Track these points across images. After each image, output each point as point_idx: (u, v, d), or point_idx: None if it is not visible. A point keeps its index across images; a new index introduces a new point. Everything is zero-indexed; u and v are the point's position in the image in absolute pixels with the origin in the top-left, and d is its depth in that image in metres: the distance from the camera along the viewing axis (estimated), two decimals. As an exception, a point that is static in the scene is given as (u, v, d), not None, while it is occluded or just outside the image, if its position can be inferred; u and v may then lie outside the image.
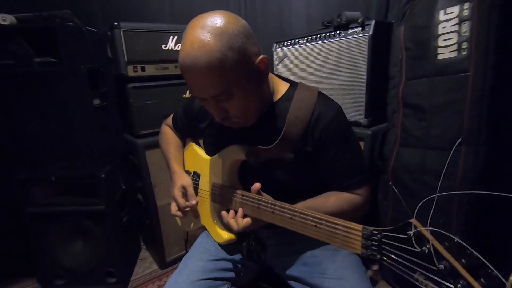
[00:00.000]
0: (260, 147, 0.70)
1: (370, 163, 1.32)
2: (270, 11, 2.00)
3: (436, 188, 1.15)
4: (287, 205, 0.59)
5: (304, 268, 0.75)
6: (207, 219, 0.86)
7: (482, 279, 0.31)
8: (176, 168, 0.94)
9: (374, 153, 1.33)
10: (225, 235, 0.79)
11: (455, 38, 1.07)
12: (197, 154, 0.94)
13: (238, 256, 0.82)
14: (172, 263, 1.63)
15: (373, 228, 0.43)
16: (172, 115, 1.05)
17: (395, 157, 1.26)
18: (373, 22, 1.25)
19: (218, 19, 0.59)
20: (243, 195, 0.69)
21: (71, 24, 1.18)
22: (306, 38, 1.51)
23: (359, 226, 0.45)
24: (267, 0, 2.03)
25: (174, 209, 0.85)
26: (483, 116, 1.04)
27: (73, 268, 1.40)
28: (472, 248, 0.34)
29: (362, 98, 1.31)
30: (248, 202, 0.67)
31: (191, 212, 0.86)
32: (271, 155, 0.70)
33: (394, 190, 1.26)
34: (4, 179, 1.36)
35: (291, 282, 0.78)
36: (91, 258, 1.40)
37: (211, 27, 0.58)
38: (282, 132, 0.68)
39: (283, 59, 1.63)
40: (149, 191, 1.49)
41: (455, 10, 1.06)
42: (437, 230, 0.34)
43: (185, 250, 1.54)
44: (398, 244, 0.38)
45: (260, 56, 0.65)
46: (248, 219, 0.65)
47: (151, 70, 1.45)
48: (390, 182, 1.20)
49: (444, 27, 1.09)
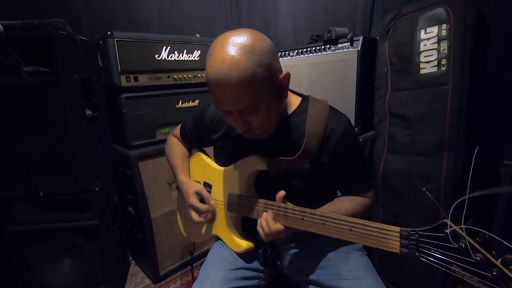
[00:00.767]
0: (282, 158, 0.73)
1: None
2: (256, 25, 2.07)
3: (421, 191, 1.26)
4: (317, 211, 0.63)
5: (319, 271, 0.79)
6: (221, 229, 0.87)
7: (511, 266, 0.37)
8: (184, 178, 0.94)
9: (367, 157, 1.42)
10: (244, 244, 0.80)
11: (435, 55, 1.19)
12: (207, 165, 0.95)
13: (255, 263, 0.84)
14: (166, 276, 1.59)
15: (410, 229, 0.48)
16: (179, 126, 1.05)
17: (383, 162, 1.36)
18: (361, 38, 1.35)
19: (247, 37, 0.63)
20: (266, 204, 0.72)
21: (64, 33, 1.14)
22: (296, 51, 1.58)
23: (396, 228, 0.50)
24: (253, 13, 2.09)
25: (196, 217, 0.85)
26: (461, 125, 1.16)
27: (61, 288, 1.32)
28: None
29: (352, 107, 1.40)
30: (274, 210, 0.70)
31: (208, 217, 0.86)
32: (291, 165, 0.73)
33: (384, 194, 1.35)
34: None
35: (306, 285, 0.81)
36: (82, 276, 1.33)
37: (242, 44, 0.61)
38: (303, 145, 0.72)
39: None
40: (142, 203, 1.45)
41: (434, 30, 1.18)
42: (471, 227, 0.40)
43: (190, 257, 1.52)
44: (436, 242, 0.43)
45: (284, 72, 0.69)
46: (279, 225, 0.68)
47: (144, 80, 1.43)
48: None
49: (425, 45, 1.21)
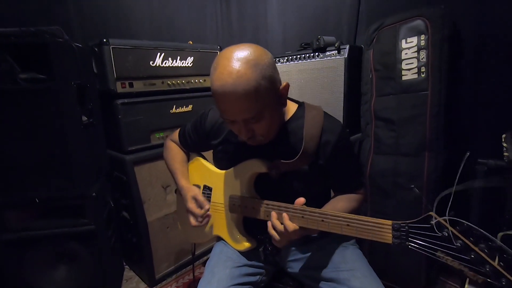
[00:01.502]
0: (282, 161, 0.79)
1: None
2: (247, 31, 2.13)
3: (407, 189, 1.35)
4: (317, 210, 0.68)
5: (317, 265, 0.84)
6: (223, 229, 0.91)
7: (486, 250, 0.43)
8: (184, 183, 0.98)
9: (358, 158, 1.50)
10: (246, 243, 0.85)
11: (415, 63, 1.29)
12: (206, 169, 0.99)
13: (257, 261, 0.89)
14: (161, 280, 1.61)
15: (401, 222, 0.54)
16: (178, 132, 1.08)
17: (370, 163, 1.44)
18: (347, 47, 1.43)
19: (251, 52, 0.68)
20: (267, 204, 0.77)
21: (61, 40, 1.15)
22: (286, 58, 1.65)
23: (389, 222, 0.56)
24: (243, 20, 2.15)
25: (193, 221, 0.88)
26: (440, 127, 1.27)
27: (56, 295, 1.31)
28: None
29: (340, 111, 1.48)
30: (275, 209, 0.75)
31: (204, 222, 0.90)
32: (290, 167, 0.79)
33: (371, 193, 1.44)
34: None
35: (306, 280, 0.87)
36: (77, 282, 1.33)
37: (246, 59, 0.66)
38: (302, 148, 0.78)
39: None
40: (138, 207, 1.47)
41: (414, 40, 1.28)
42: (452, 218, 0.47)
43: (192, 257, 1.54)
44: (423, 232, 0.50)
45: (284, 83, 0.75)
46: (295, 225, 0.72)
47: (139, 86, 1.45)
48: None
49: (406, 53, 1.31)
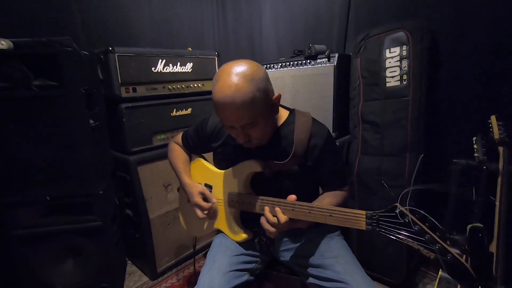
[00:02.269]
0: (275, 161, 0.89)
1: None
2: (242, 37, 2.23)
3: (390, 186, 1.47)
4: (304, 203, 0.79)
5: (306, 253, 0.95)
6: (222, 223, 1.02)
7: (437, 233, 0.54)
8: (188, 180, 1.08)
9: (343, 159, 1.62)
10: (243, 234, 0.96)
11: (398, 71, 1.41)
12: (207, 168, 1.09)
13: (253, 250, 0.99)
14: (163, 273, 1.70)
15: (372, 212, 0.65)
16: (181, 135, 1.18)
17: (358, 163, 1.56)
18: (336, 55, 1.54)
19: (247, 68, 0.78)
20: (262, 199, 0.88)
21: (70, 49, 1.24)
22: (280, 64, 1.75)
23: (363, 212, 0.67)
24: (239, 27, 2.25)
25: (200, 213, 0.98)
26: (420, 130, 1.39)
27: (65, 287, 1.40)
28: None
29: (330, 115, 1.60)
30: (269, 204, 0.85)
31: (208, 216, 1.00)
32: (282, 168, 0.89)
33: (358, 190, 1.55)
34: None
35: (296, 267, 0.97)
36: (84, 275, 1.41)
37: (244, 74, 0.77)
38: (292, 151, 0.88)
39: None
40: (141, 205, 1.56)
41: (397, 50, 1.40)
42: (412, 208, 0.58)
43: (193, 250, 1.64)
44: (389, 219, 0.60)
45: (276, 94, 0.85)
46: (286, 216, 0.81)
47: (141, 90, 1.55)
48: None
49: (390, 62, 1.43)
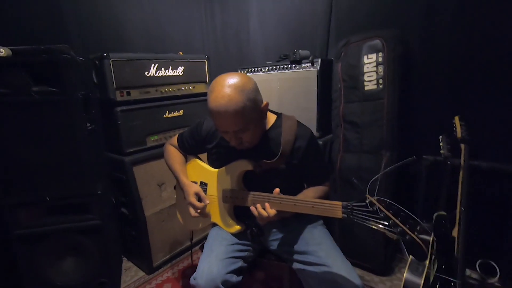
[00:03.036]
0: (265, 160, 1.00)
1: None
2: (230, 38, 2.32)
3: (368, 181, 1.61)
4: (290, 197, 0.91)
5: (292, 242, 1.06)
6: (217, 216, 1.12)
7: (399, 218, 0.66)
8: (185, 180, 1.17)
9: (325, 157, 1.74)
10: (236, 226, 1.06)
11: (374, 76, 1.54)
12: (202, 168, 1.19)
13: (245, 240, 1.10)
14: (158, 267, 1.79)
15: (346, 202, 0.77)
16: (176, 137, 1.27)
17: (340, 160, 1.69)
18: (319, 60, 1.66)
19: (239, 80, 0.89)
20: (254, 194, 0.99)
21: (69, 56, 1.30)
22: (267, 68, 1.86)
23: (339, 202, 0.79)
24: (227, 31, 2.34)
25: (193, 212, 1.09)
26: (395, 130, 1.53)
27: (65, 285, 1.46)
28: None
29: (314, 116, 1.72)
30: (259, 198, 0.96)
31: (200, 215, 1.10)
32: (270, 166, 1.01)
33: (341, 186, 1.69)
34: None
35: (284, 254, 1.09)
36: (84, 272, 1.48)
37: (235, 85, 0.88)
38: (280, 151, 1.00)
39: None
40: (137, 203, 1.64)
41: (374, 56, 1.53)
42: (379, 198, 0.70)
43: (190, 243, 1.73)
44: (361, 208, 0.73)
45: (264, 102, 0.96)
46: (274, 210, 0.92)
47: (135, 94, 1.62)
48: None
49: (367, 67, 1.56)
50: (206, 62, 1.95)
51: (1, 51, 1.21)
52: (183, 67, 1.81)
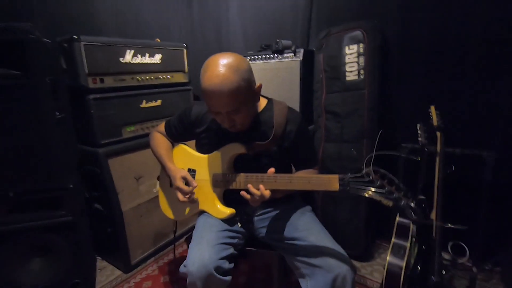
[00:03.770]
0: (258, 142, 0.99)
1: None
2: (208, 29, 2.26)
3: (350, 170, 1.64)
4: (285, 174, 0.90)
5: (281, 228, 1.06)
6: (207, 203, 1.08)
7: (394, 186, 0.68)
8: (171, 166, 1.13)
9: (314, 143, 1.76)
10: (227, 211, 1.04)
11: (356, 66, 1.57)
12: (190, 154, 1.15)
13: (235, 227, 1.08)
14: (137, 265, 1.70)
15: (343, 175, 0.79)
16: (163, 124, 1.23)
17: (322, 150, 1.72)
18: (302, 50, 1.67)
19: (233, 60, 0.86)
20: (246, 176, 0.96)
21: (34, 36, 1.18)
22: (248, 58, 1.83)
23: (336, 175, 0.80)
24: (205, 19, 2.27)
25: (181, 197, 1.04)
26: (375, 119, 1.57)
27: (34, 287, 1.34)
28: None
29: (297, 106, 1.72)
30: (253, 179, 0.94)
31: (188, 200, 1.05)
32: (263, 148, 0.99)
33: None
34: None
35: (273, 241, 1.08)
36: (55, 272, 1.37)
37: (230, 65, 0.85)
38: (273, 133, 0.99)
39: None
40: (113, 198, 1.54)
41: (355, 47, 1.56)
42: (375, 168, 0.72)
43: (173, 237, 1.66)
44: (358, 180, 0.74)
45: (258, 83, 0.94)
46: (268, 190, 0.90)
47: (109, 81, 1.51)
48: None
49: (349, 58, 1.59)
50: (185, 51, 1.87)
51: (-48, 28, 1.07)
52: (160, 55, 1.73)
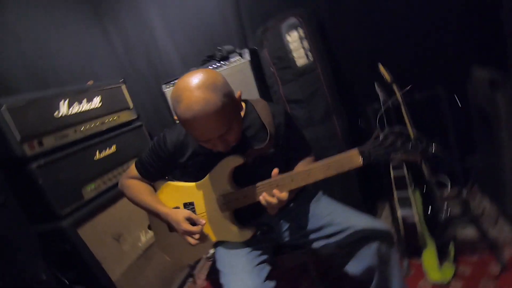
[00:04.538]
0: (256, 148, 0.91)
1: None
2: (140, 58, 2.11)
3: (327, 148, 1.67)
4: (300, 170, 0.84)
5: (304, 224, 1.00)
6: (221, 231, 0.97)
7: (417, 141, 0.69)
8: (165, 209, 0.98)
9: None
10: (247, 232, 0.93)
11: (302, 50, 1.61)
12: (180, 188, 1.01)
13: (258, 243, 0.98)
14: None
15: (361, 147, 0.76)
16: (133, 167, 1.05)
17: (297, 139, 1.72)
18: (247, 50, 1.65)
19: (206, 78, 0.76)
20: (257, 186, 0.87)
21: None
22: (194, 73, 1.75)
23: (354, 150, 0.77)
24: (132, 51, 2.12)
25: (193, 240, 0.91)
26: (336, 94, 1.63)
27: None
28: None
29: (259, 106, 1.70)
30: (265, 187, 0.86)
31: (200, 240, 0.93)
32: (261, 152, 0.92)
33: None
34: None
35: (301, 240, 1.01)
36: None
37: (206, 85, 0.74)
38: (268, 133, 0.91)
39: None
40: (98, 271, 1.30)
41: (295, 33, 1.61)
42: (389, 128, 0.71)
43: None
44: (379, 146, 0.72)
45: (238, 92, 0.87)
46: (285, 193, 0.82)
47: (50, 142, 1.28)
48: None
49: (293, 45, 1.62)
50: (124, 86, 1.71)
51: None
52: (99, 97, 1.54)
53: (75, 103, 1.41)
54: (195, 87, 0.74)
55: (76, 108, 1.41)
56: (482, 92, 1.39)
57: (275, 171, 0.85)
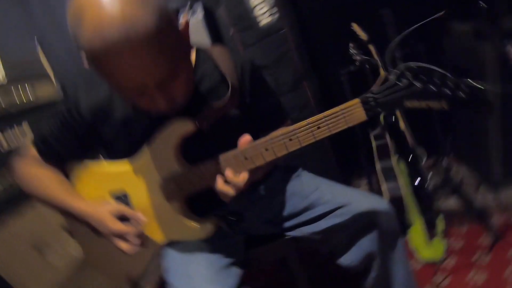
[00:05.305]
0: (215, 103, 0.64)
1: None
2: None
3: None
4: (279, 133, 0.58)
5: (284, 207, 0.78)
6: (170, 229, 0.69)
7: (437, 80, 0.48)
8: (82, 204, 0.67)
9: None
10: (208, 225, 0.66)
11: (265, 7, 1.36)
12: (106, 172, 0.71)
13: (223, 238, 0.73)
14: None
15: (364, 94, 0.53)
16: (32, 146, 0.71)
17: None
18: (200, 5, 1.37)
19: None
20: (218, 160, 0.61)
21: None
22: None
23: (355, 100, 0.54)
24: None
25: (127, 246, 0.64)
26: (306, 57, 1.42)
27: None
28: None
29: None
30: (229, 162, 0.60)
31: (142, 239, 0.66)
32: (221, 112, 0.65)
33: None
34: None
35: (280, 228, 0.79)
36: None
37: None
38: (230, 88, 0.65)
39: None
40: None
41: (256, -14, 1.35)
42: (405, 64, 0.49)
43: None
44: (387, 91, 0.50)
45: (183, 20, 0.57)
46: (244, 174, 0.58)
47: None
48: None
49: (254, 1, 1.36)
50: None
51: None
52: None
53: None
54: None
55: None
56: (463, 46, 1.28)
57: (246, 139, 0.59)
